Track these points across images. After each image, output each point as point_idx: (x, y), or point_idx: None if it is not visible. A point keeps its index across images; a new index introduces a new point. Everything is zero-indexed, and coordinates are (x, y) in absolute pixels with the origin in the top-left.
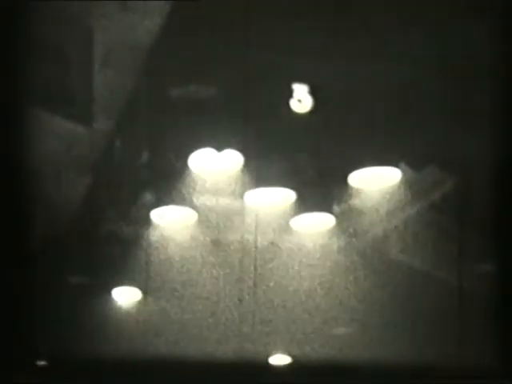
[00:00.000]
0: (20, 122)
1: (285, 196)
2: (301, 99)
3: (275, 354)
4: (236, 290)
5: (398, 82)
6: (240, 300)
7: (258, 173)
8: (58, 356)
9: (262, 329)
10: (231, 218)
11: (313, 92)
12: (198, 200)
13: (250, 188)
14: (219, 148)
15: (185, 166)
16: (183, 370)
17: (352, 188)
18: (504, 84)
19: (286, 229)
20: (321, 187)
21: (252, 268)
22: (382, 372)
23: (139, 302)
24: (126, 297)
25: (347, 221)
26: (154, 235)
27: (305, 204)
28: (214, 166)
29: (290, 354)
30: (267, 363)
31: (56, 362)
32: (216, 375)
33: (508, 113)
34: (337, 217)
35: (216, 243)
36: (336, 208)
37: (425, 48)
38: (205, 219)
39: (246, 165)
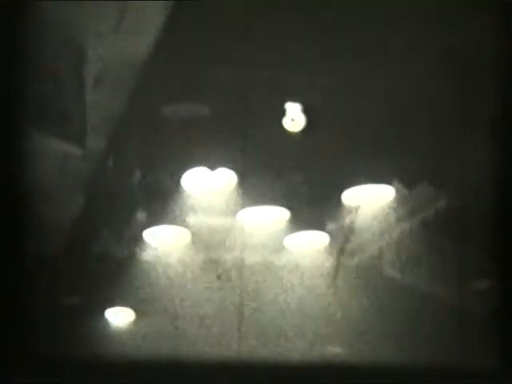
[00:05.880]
0: (13, 141)
1: (278, 214)
2: (294, 118)
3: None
4: (230, 308)
5: (392, 99)
6: (234, 319)
7: (252, 191)
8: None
9: (256, 347)
10: (225, 237)
11: (306, 110)
12: (192, 219)
13: (244, 207)
14: (212, 167)
15: (178, 185)
16: None
17: (346, 206)
18: (502, 99)
19: (279, 247)
20: (314, 205)
21: (246, 287)
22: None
23: (132, 322)
24: (119, 317)
25: (341, 239)
26: (147, 255)
27: (298, 222)
28: (207, 185)
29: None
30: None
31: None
32: None
33: (503, 128)
34: (331, 235)
35: (209, 262)
36: (330, 226)
37: (418, 65)
38: (198, 238)
39: (240, 183)
